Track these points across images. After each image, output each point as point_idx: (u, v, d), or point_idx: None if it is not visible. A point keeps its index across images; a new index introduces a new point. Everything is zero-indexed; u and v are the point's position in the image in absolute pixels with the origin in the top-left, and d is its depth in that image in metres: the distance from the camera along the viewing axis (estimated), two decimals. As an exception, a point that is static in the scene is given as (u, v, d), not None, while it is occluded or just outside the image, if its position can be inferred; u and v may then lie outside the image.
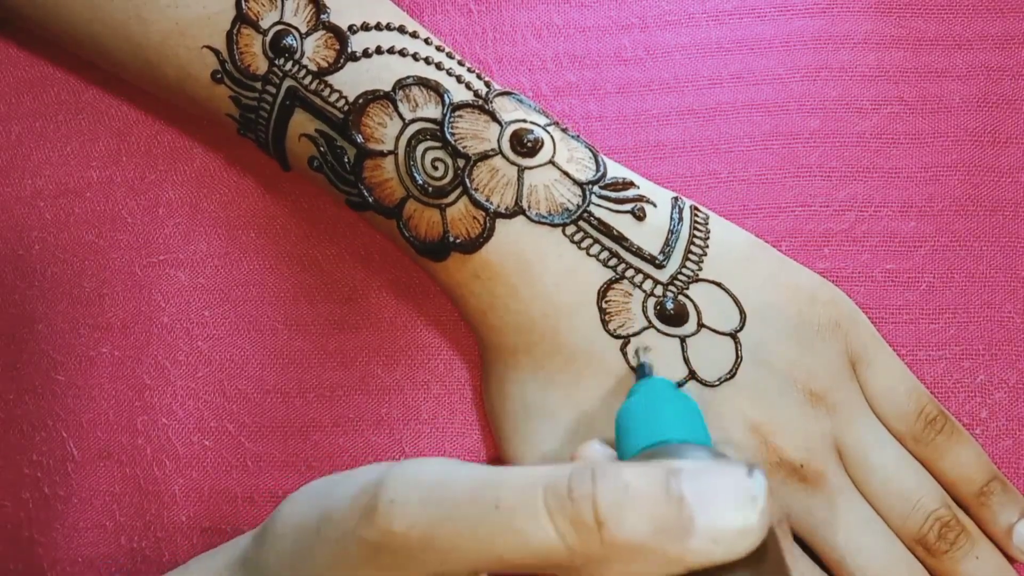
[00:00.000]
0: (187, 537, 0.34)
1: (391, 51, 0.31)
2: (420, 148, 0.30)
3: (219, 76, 0.32)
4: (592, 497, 0.21)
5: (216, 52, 0.32)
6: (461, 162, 0.30)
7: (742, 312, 0.31)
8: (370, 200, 0.31)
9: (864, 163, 0.35)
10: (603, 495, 0.21)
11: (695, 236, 0.32)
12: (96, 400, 0.35)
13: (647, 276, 0.31)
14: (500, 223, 0.30)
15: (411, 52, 0.32)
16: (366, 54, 0.31)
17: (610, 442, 0.27)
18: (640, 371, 0.29)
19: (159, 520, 0.34)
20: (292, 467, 0.35)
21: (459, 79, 0.32)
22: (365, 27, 0.32)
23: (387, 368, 0.35)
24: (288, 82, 0.31)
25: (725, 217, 0.34)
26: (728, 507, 0.21)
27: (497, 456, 0.34)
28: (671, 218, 0.32)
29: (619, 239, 0.31)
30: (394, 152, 0.31)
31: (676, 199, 0.32)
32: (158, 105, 0.37)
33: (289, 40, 0.31)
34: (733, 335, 0.31)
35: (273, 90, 0.31)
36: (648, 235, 0.31)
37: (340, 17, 0.32)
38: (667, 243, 0.31)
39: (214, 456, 0.35)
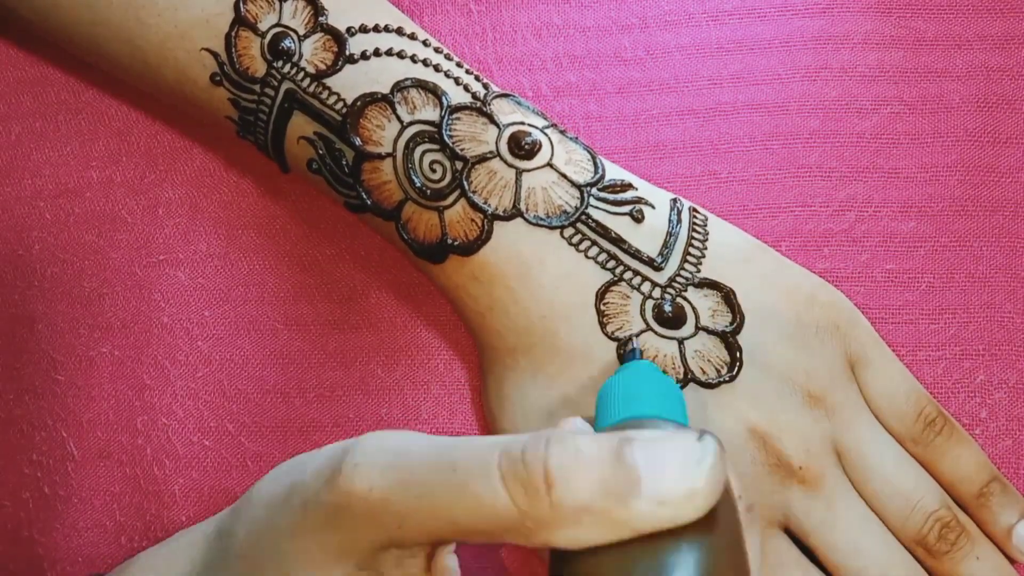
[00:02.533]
0: (187, 537, 0.34)
1: (389, 53, 0.31)
2: (418, 151, 0.30)
3: (218, 79, 0.32)
4: (543, 460, 0.21)
5: (215, 54, 0.32)
6: (459, 164, 0.30)
7: (740, 314, 0.31)
8: (368, 202, 0.31)
9: (864, 163, 0.35)
10: (554, 458, 0.21)
11: (694, 238, 0.32)
12: (96, 400, 0.35)
13: (645, 278, 0.31)
14: (498, 225, 0.30)
15: (409, 54, 0.31)
16: (364, 56, 0.31)
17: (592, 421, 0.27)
18: (630, 355, 0.29)
19: (159, 520, 0.34)
20: (292, 467, 0.35)
21: (457, 81, 0.32)
22: (363, 29, 0.32)
23: (387, 368, 0.35)
24: (286, 84, 0.31)
25: (725, 217, 0.34)
26: (674, 469, 0.21)
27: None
28: (669, 220, 0.32)
29: (617, 241, 0.31)
30: (392, 154, 0.31)
31: (675, 200, 0.32)
32: (158, 105, 0.37)
33: (287, 43, 0.31)
34: (732, 338, 0.31)
35: (271, 92, 0.31)
36: (646, 237, 0.31)
37: (338, 19, 0.32)
38: (665, 245, 0.31)
39: (214, 456, 0.35)
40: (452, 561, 0.25)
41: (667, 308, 0.31)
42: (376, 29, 0.32)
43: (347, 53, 0.31)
